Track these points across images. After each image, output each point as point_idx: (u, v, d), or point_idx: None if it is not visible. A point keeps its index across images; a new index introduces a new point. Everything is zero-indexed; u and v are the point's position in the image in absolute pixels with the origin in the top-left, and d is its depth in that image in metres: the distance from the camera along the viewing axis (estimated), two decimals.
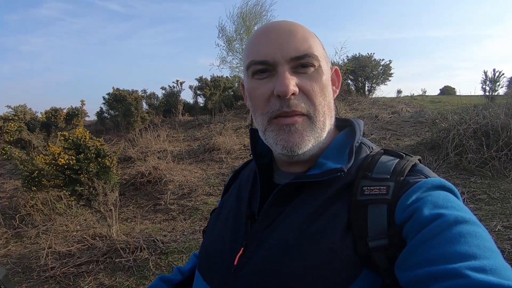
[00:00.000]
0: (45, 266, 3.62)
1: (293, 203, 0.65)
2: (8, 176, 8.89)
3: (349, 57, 12.41)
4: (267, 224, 0.66)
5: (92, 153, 4.19)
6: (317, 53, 0.65)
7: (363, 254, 0.55)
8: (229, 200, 0.82)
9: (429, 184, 0.57)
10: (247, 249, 0.66)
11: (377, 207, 0.57)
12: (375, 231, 0.56)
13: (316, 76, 0.65)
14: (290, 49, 0.63)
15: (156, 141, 8.53)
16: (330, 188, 0.63)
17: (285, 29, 0.65)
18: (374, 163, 0.64)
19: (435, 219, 0.51)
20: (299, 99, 0.63)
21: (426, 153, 6.38)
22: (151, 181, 6.14)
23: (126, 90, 10.47)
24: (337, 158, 0.66)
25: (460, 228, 0.49)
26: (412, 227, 0.52)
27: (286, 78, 0.61)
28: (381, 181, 0.60)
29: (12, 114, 8.91)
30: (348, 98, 12.32)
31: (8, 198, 6.87)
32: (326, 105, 0.67)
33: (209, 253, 0.75)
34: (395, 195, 0.57)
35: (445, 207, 0.53)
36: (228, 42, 9.07)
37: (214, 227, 0.80)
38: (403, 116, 9.61)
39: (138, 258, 3.50)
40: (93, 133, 10.52)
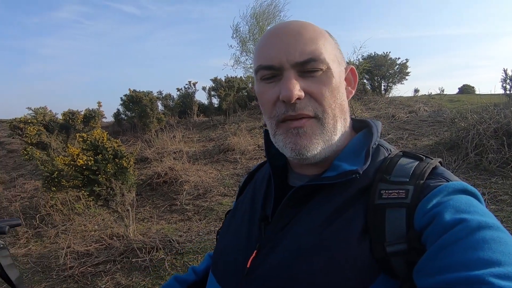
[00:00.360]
0: (64, 265, 3.70)
1: (308, 205, 0.64)
2: (29, 176, 9.13)
3: (365, 56, 12.26)
4: (281, 227, 0.65)
5: (110, 154, 4.27)
6: (324, 55, 0.63)
7: (380, 258, 0.54)
8: (243, 201, 0.82)
9: (451, 188, 0.55)
10: (260, 251, 0.65)
11: (396, 211, 0.55)
12: (393, 236, 0.54)
13: (325, 79, 0.63)
14: (295, 53, 0.62)
15: (172, 141, 8.62)
16: (346, 191, 0.62)
17: (293, 31, 0.64)
18: (393, 165, 0.62)
19: (457, 224, 0.49)
20: (305, 102, 0.63)
21: (445, 153, 6.25)
22: (167, 181, 6.21)
23: (142, 92, 10.61)
24: (353, 160, 0.65)
25: (483, 234, 0.47)
26: (433, 232, 0.51)
27: (290, 83, 0.61)
28: (400, 185, 0.58)
29: (32, 116, 9.15)
30: (364, 98, 12.17)
31: (29, 198, 7.05)
32: (338, 108, 0.65)
33: (222, 254, 0.75)
34: (414, 199, 0.55)
35: (467, 211, 0.51)
36: (242, 43, 9.10)
37: (228, 228, 0.80)
38: (420, 116, 9.43)
39: (154, 258, 3.53)
40: (110, 134, 10.71)
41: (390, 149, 0.69)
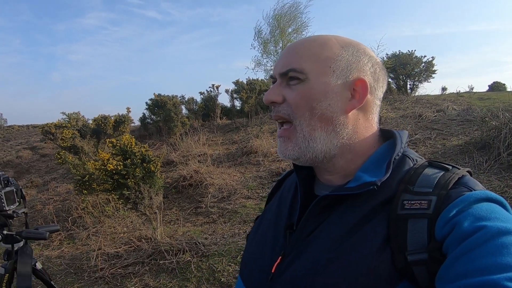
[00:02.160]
0: (95, 267, 3.83)
1: (332, 215, 0.66)
2: (61, 180, 9.50)
3: (389, 55, 12.04)
4: (306, 235, 0.67)
5: (138, 158, 4.40)
6: (305, 66, 0.67)
7: (402, 267, 0.54)
8: (271, 208, 0.84)
9: (473, 197, 0.55)
10: (285, 258, 0.67)
11: (417, 222, 0.56)
12: (414, 245, 0.55)
13: (300, 88, 0.68)
14: (280, 65, 0.70)
15: (196, 145, 8.75)
16: (370, 201, 0.63)
17: (293, 47, 0.71)
18: (417, 176, 0.62)
19: (476, 231, 0.50)
20: (282, 106, 0.70)
21: (476, 153, 6.05)
22: (192, 184, 6.31)
23: (167, 96, 10.84)
24: (375, 171, 0.66)
25: (503, 239, 0.47)
26: (453, 241, 0.51)
27: (270, 89, 0.71)
28: (423, 195, 0.58)
29: (66, 121, 9.53)
30: (389, 97, 11.94)
31: (61, 201, 7.33)
32: (316, 118, 0.67)
33: (249, 259, 0.79)
34: (436, 210, 0.56)
35: (488, 218, 0.51)
36: (264, 45, 9.12)
37: (256, 234, 0.83)
38: (449, 115, 9.14)
39: (181, 260, 3.61)
40: (137, 138, 10.99)
41: (416, 159, 0.69)
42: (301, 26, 9.44)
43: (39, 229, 1.60)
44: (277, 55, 9.72)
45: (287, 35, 9.16)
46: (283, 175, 0.95)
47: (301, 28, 9.37)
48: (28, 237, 1.59)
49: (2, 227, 1.54)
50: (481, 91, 14.21)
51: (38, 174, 11.74)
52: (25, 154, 15.08)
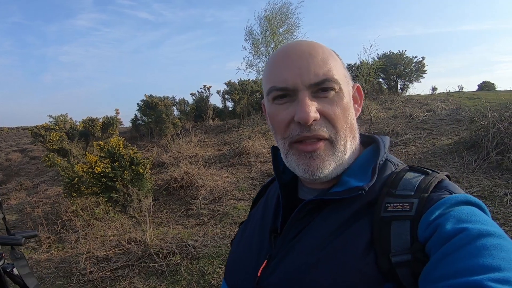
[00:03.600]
0: (84, 270, 3.80)
1: (316, 219, 0.67)
2: (51, 182, 9.40)
3: (380, 55, 12.10)
4: (291, 238, 0.67)
5: (126, 161, 4.36)
6: (337, 75, 0.65)
7: (386, 269, 0.55)
8: (256, 214, 0.85)
9: (453, 200, 0.57)
10: (271, 261, 0.68)
11: (400, 224, 0.57)
12: (398, 247, 0.56)
13: (337, 100, 0.65)
14: (310, 74, 0.63)
15: (187, 146, 8.72)
16: (354, 205, 0.64)
17: (305, 52, 0.65)
18: (399, 180, 0.64)
19: (458, 233, 0.51)
20: (321, 124, 0.64)
21: (465, 153, 6.11)
22: (183, 186, 6.29)
23: (158, 97, 10.80)
24: (360, 176, 0.67)
25: (484, 241, 0.48)
26: (435, 242, 0.52)
27: (306, 105, 0.62)
28: (405, 198, 0.60)
29: (53, 124, 9.45)
30: (380, 97, 12.02)
31: (51, 204, 7.26)
32: (348, 128, 0.67)
33: (235, 263, 0.79)
34: (418, 212, 0.57)
35: (468, 221, 0.52)
36: (255, 45, 9.13)
37: (241, 238, 0.83)
38: (439, 114, 9.23)
39: (171, 263, 3.59)
40: (128, 140, 10.95)
41: (398, 163, 0.71)
42: (292, 27, 9.47)
43: (15, 235, 1.57)
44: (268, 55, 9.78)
45: (278, 35, 9.17)
46: (269, 180, 0.95)
47: (292, 28, 9.40)
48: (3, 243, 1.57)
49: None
50: (471, 91, 14.36)
51: (28, 177, 11.59)
52: (14, 156, 14.89)
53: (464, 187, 4.74)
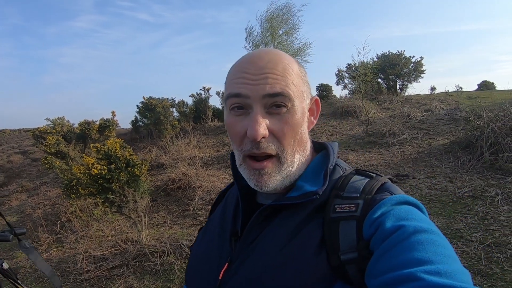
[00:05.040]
0: (81, 269, 3.87)
1: (274, 222, 0.70)
2: (51, 184, 9.49)
3: (378, 55, 12.14)
4: (250, 241, 0.70)
5: (122, 163, 4.44)
6: (291, 92, 0.66)
7: (336, 266, 0.60)
8: (215, 219, 0.87)
9: (394, 200, 0.62)
10: (232, 264, 0.71)
11: (347, 223, 0.62)
12: (346, 245, 0.60)
13: (288, 117, 0.67)
14: (265, 86, 0.65)
15: (186, 147, 8.79)
16: (307, 208, 0.68)
17: (264, 62, 0.67)
18: (346, 183, 0.69)
19: (396, 230, 0.55)
20: (269, 141, 0.66)
21: (460, 153, 6.14)
22: (181, 187, 6.36)
23: (157, 99, 10.87)
24: (313, 181, 0.71)
25: (418, 237, 0.53)
26: (377, 239, 0.57)
27: (257, 122, 0.64)
28: (351, 199, 0.65)
29: (50, 127, 9.54)
30: (379, 98, 12.04)
31: (51, 205, 7.34)
32: (297, 143, 0.70)
33: (195, 268, 0.81)
34: (363, 212, 0.62)
35: (406, 219, 0.58)
36: (255, 46, 9.18)
37: (201, 244, 0.85)
38: (437, 114, 9.26)
39: (165, 262, 3.66)
40: (128, 141, 11.03)
41: (345, 168, 0.76)
42: (292, 28, 9.51)
43: (5, 232, 1.65)
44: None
45: (277, 36, 9.22)
46: (226, 186, 0.99)
47: (292, 30, 9.44)
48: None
49: None
50: (470, 90, 14.36)
51: (29, 179, 11.69)
52: (16, 158, 15.01)
53: (457, 186, 4.78)
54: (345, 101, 12.20)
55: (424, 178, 5.41)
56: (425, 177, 5.45)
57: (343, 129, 9.51)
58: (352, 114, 10.42)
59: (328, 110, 11.86)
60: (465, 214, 3.94)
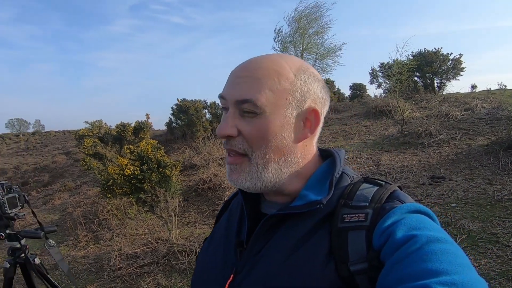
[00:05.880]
0: (114, 266, 4.05)
1: (279, 232, 0.69)
2: (91, 183, 9.96)
3: (414, 53, 11.72)
4: (256, 252, 0.69)
5: (154, 164, 4.58)
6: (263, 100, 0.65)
7: (345, 277, 0.58)
8: (219, 229, 0.86)
9: (404, 209, 0.60)
10: (237, 275, 0.70)
11: (356, 233, 0.60)
12: (355, 256, 0.59)
13: (257, 123, 0.66)
14: (238, 92, 0.66)
15: (217, 148, 8.92)
16: (313, 217, 0.66)
17: (248, 68, 0.68)
18: (354, 192, 0.67)
19: (408, 240, 0.54)
20: (238, 141, 0.67)
21: (501, 154, 5.81)
22: (211, 187, 6.47)
23: (190, 101, 11.12)
24: (318, 190, 0.69)
25: (432, 247, 0.51)
26: (388, 249, 0.55)
27: (224, 121, 0.67)
28: (360, 209, 0.63)
29: (89, 129, 10.04)
30: (416, 96, 11.64)
31: (91, 204, 7.71)
32: (272, 150, 0.67)
33: (200, 279, 0.81)
34: (372, 222, 0.60)
35: (418, 228, 0.56)
36: (283, 47, 9.16)
37: (206, 254, 0.84)
38: (477, 113, 8.80)
39: (192, 261, 3.74)
40: (163, 143, 11.36)
41: (353, 176, 0.73)
42: (323, 28, 9.40)
43: (37, 230, 1.79)
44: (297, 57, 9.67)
45: (307, 36, 9.14)
46: (231, 195, 0.98)
47: (323, 29, 9.33)
48: (26, 236, 1.79)
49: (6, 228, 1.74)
50: None
51: (71, 178, 12.35)
52: (60, 159, 15.91)
53: (496, 189, 4.54)
54: (379, 100, 11.89)
55: (461, 180, 5.17)
56: (463, 179, 5.21)
57: (377, 129, 9.28)
58: (387, 114, 10.13)
59: (361, 110, 11.62)
60: (504, 218, 3.73)
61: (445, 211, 4.13)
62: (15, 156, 25.46)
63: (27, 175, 15.11)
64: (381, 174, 6.02)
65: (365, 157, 7.03)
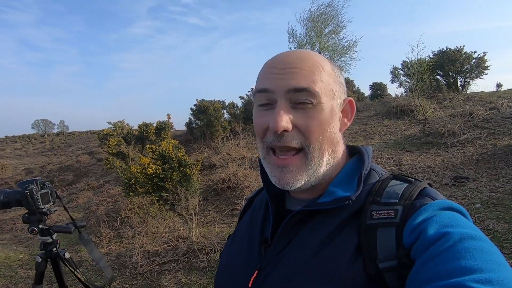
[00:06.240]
0: (136, 263, 4.14)
1: (305, 229, 0.68)
2: (114, 182, 10.19)
3: (435, 52, 11.45)
4: (281, 249, 0.69)
5: (175, 163, 4.67)
6: (318, 88, 0.65)
7: (373, 274, 0.57)
8: (243, 226, 0.86)
9: (436, 206, 0.59)
10: (261, 272, 0.69)
11: (386, 230, 0.59)
12: (384, 253, 0.58)
13: (314, 113, 0.65)
14: (291, 81, 0.65)
15: (236, 148, 8.98)
16: (341, 214, 0.65)
17: (291, 60, 0.67)
18: (383, 188, 0.66)
19: (441, 237, 0.53)
20: (293, 135, 0.65)
21: None
22: (230, 187, 6.52)
23: (209, 101, 11.23)
24: (346, 186, 0.68)
25: (465, 244, 0.50)
26: (420, 247, 0.54)
27: (279, 115, 0.64)
28: (390, 205, 0.62)
29: (112, 129, 10.30)
30: (438, 95, 11.38)
31: (113, 203, 7.89)
32: (326, 141, 0.68)
33: (224, 275, 0.81)
34: (403, 219, 0.59)
35: (450, 225, 0.54)
36: (299, 47, 9.11)
37: (230, 251, 0.85)
38: (503, 113, 8.52)
39: (212, 259, 3.79)
40: (183, 143, 11.51)
41: (382, 173, 0.73)
42: (339, 27, 9.31)
43: (68, 224, 1.86)
44: None
45: (323, 36, 9.07)
46: (254, 192, 0.97)
47: (339, 28, 9.24)
48: (58, 231, 1.87)
49: (38, 222, 1.82)
50: None
51: (95, 177, 12.67)
52: (83, 158, 16.36)
53: None
54: (400, 99, 11.69)
55: (486, 181, 5.03)
56: (487, 180, 5.07)
57: (398, 129, 9.12)
58: (408, 113, 9.94)
59: (382, 109, 11.45)
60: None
61: (469, 211, 4.01)
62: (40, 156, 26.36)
63: (52, 174, 15.61)
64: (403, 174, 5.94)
65: (386, 157, 6.93)
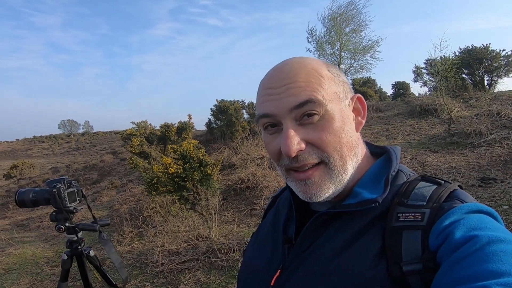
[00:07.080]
0: (157, 262, 4.21)
1: (329, 230, 0.67)
2: (137, 182, 10.39)
3: (461, 49, 11.10)
4: (304, 249, 0.68)
5: (196, 162, 4.72)
6: (320, 96, 0.63)
7: (397, 277, 0.56)
8: (266, 224, 0.86)
9: (464, 209, 0.57)
10: (284, 271, 0.69)
11: (412, 233, 0.58)
12: (409, 256, 0.57)
13: (323, 124, 0.64)
14: (290, 98, 0.63)
15: (255, 148, 8.99)
16: (366, 216, 0.64)
17: (285, 75, 0.65)
18: (411, 190, 0.64)
19: (468, 240, 0.51)
20: (309, 152, 0.64)
21: None
22: (249, 187, 6.54)
23: (229, 101, 11.30)
24: (373, 188, 0.67)
25: (493, 247, 0.49)
26: (446, 250, 0.53)
27: (288, 138, 0.62)
28: (417, 208, 0.60)
29: (135, 129, 10.51)
30: (464, 94, 11.04)
31: (136, 201, 8.04)
32: (345, 147, 0.66)
33: (247, 273, 0.81)
34: (430, 222, 0.57)
35: (479, 228, 0.53)
36: (318, 46, 9.04)
37: (253, 249, 0.85)
38: None
39: (231, 259, 3.81)
40: (203, 143, 11.63)
41: (409, 174, 0.71)
42: (360, 26, 9.17)
43: (93, 223, 1.92)
44: (334, 56, 9.56)
45: (344, 35, 8.95)
46: (278, 191, 0.97)
47: (360, 27, 9.10)
48: (83, 229, 1.92)
49: (65, 221, 1.88)
50: None
51: (118, 177, 12.98)
52: (107, 158, 16.77)
53: None
54: (424, 99, 11.41)
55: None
56: None
57: (422, 128, 8.91)
58: (432, 113, 9.69)
59: (405, 109, 11.21)
60: None
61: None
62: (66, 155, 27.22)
63: (77, 173, 16.10)
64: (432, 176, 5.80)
65: (409, 157, 6.78)
